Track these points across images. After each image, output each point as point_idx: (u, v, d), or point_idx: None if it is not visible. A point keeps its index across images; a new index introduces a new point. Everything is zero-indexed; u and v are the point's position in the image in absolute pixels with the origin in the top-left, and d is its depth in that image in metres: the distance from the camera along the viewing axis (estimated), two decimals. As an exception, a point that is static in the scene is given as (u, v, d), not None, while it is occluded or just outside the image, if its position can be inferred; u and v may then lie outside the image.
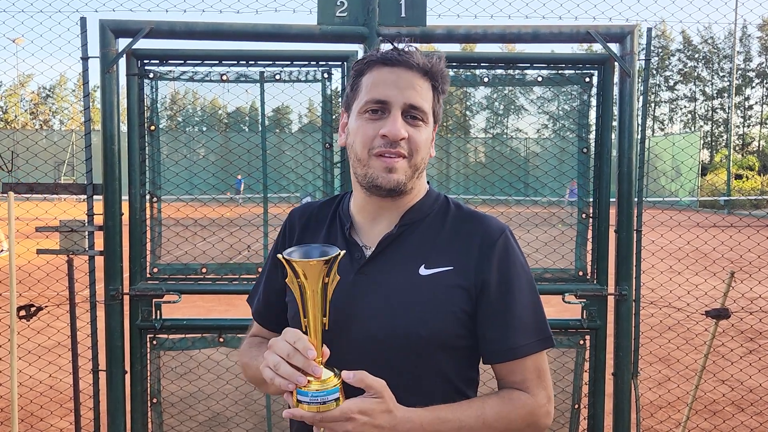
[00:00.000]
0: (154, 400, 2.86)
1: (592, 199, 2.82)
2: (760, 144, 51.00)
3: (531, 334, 1.29)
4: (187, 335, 2.82)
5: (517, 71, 2.82)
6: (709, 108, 53.93)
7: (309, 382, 1.09)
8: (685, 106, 55.11)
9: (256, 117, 2.93)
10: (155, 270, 2.82)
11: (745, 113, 52.73)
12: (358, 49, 2.73)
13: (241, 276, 2.83)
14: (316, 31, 2.68)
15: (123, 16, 2.74)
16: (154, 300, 2.77)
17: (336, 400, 1.10)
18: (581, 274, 2.83)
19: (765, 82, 51.85)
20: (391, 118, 1.24)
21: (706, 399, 4.87)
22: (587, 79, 2.79)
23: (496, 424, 1.23)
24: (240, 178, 3.31)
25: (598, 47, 2.74)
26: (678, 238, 5.19)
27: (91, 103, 2.86)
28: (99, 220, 2.77)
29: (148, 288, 2.77)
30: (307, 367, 1.09)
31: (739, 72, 49.69)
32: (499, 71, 2.82)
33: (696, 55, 52.80)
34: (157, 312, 2.78)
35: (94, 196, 2.81)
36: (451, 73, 2.80)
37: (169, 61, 2.74)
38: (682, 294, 5.67)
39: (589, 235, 2.83)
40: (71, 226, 2.88)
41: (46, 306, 3.16)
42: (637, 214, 2.82)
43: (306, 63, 2.76)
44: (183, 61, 2.74)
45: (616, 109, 2.79)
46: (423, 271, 1.28)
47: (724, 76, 52.11)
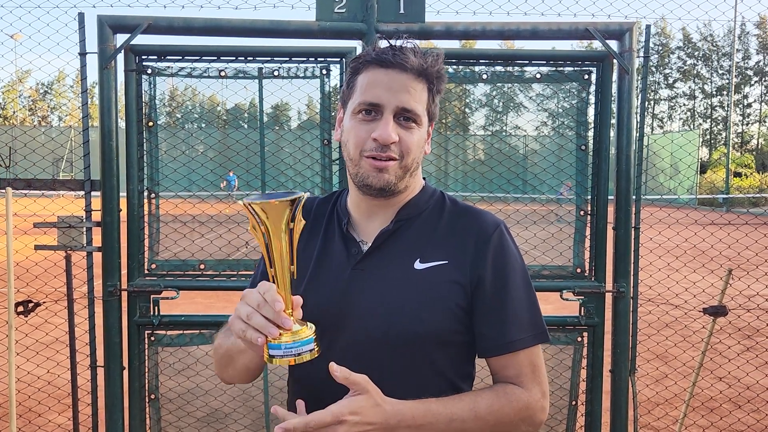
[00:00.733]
0: (152, 397, 2.86)
1: (590, 197, 2.82)
2: (758, 142, 51.02)
3: (526, 328, 1.30)
4: (185, 331, 2.82)
5: (516, 68, 2.82)
6: (708, 106, 53.94)
7: (280, 334, 1.06)
8: (684, 104, 55.12)
9: (255, 114, 2.93)
10: (153, 266, 2.82)
11: (744, 111, 52.75)
12: (357, 45, 2.73)
13: (240, 272, 2.83)
14: (315, 27, 2.68)
15: (121, 12, 2.74)
16: (152, 296, 2.77)
17: (311, 351, 1.07)
18: (579, 271, 2.83)
19: (763, 80, 51.85)
20: (383, 122, 1.25)
21: (703, 396, 4.88)
22: (586, 77, 2.79)
23: (489, 417, 1.22)
24: (232, 174, 3.30)
25: (597, 45, 2.74)
26: (676, 235, 5.20)
27: (89, 99, 2.85)
28: (97, 216, 2.77)
29: (146, 284, 2.76)
30: (276, 318, 1.06)
31: (738, 70, 49.67)
32: (498, 68, 2.82)
33: (696, 53, 52.78)
34: (155, 308, 2.78)
35: (92, 192, 2.81)
36: (449, 70, 2.80)
37: (167, 57, 2.74)
38: (680, 291, 5.68)
39: (588, 232, 2.83)
40: (69, 222, 2.87)
41: (44, 302, 3.17)
42: (636, 211, 2.82)
43: (304, 59, 2.76)
44: (181, 57, 2.74)
45: (614, 107, 2.79)
46: (418, 265, 1.29)
47: (723, 74, 52.10)
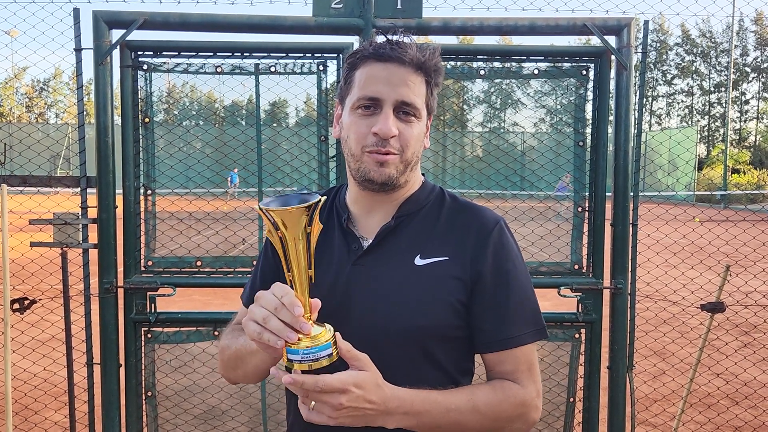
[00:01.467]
0: (149, 394, 2.85)
1: (588, 193, 2.81)
2: (756, 139, 51.09)
3: (525, 324, 1.30)
4: (181, 328, 2.81)
5: (513, 64, 2.81)
6: (706, 102, 53.98)
7: (299, 339, 1.04)
8: (682, 101, 55.15)
9: (252, 110, 2.91)
10: (150, 263, 2.81)
11: (741, 107, 52.80)
12: (354, 41, 2.71)
13: (236, 269, 2.82)
14: (312, 22, 2.66)
15: (116, 7, 2.72)
16: (149, 293, 2.76)
17: (329, 356, 1.05)
18: (577, 267, 2.83)
19: (761, 76, 51.89)
20: (382, 116, 1.24)
21: (701, 392, 4.89)
22: (584, 72, 2.78)
23: (487, 411, 1.22)
24: (235, 171, 3.29)
25: (595, 41, 2.73)
26: (674, 231, 5.20)
27: (85, 96, 2.84)
28: (93, 212, 2.75)
29: (143, 281, 2.75)
30: (295, 323, 1.05)
31: (736, 66, 49.69)
32: (496, 64, 2.81)
33: (694, 50, 52.78)
34: (152, 305, 2.77)
35: (88, 189, 2.80)
36: (447, 65, 2.78)
37: (164, 53, 2.72)
38: (678, 288, 5.68)
39: (585, 228, 2.82)
40: (65, 219, 2.86)
41: (40, 299, 3.15)
42: (633, 207, 2.82)
43: (301, 55, 2.75)
44: (177, 53, 2.72)
45: (612, 103, 2.78)
46: (419, 261, 1.29)
47: (721, 71, 52.12)
